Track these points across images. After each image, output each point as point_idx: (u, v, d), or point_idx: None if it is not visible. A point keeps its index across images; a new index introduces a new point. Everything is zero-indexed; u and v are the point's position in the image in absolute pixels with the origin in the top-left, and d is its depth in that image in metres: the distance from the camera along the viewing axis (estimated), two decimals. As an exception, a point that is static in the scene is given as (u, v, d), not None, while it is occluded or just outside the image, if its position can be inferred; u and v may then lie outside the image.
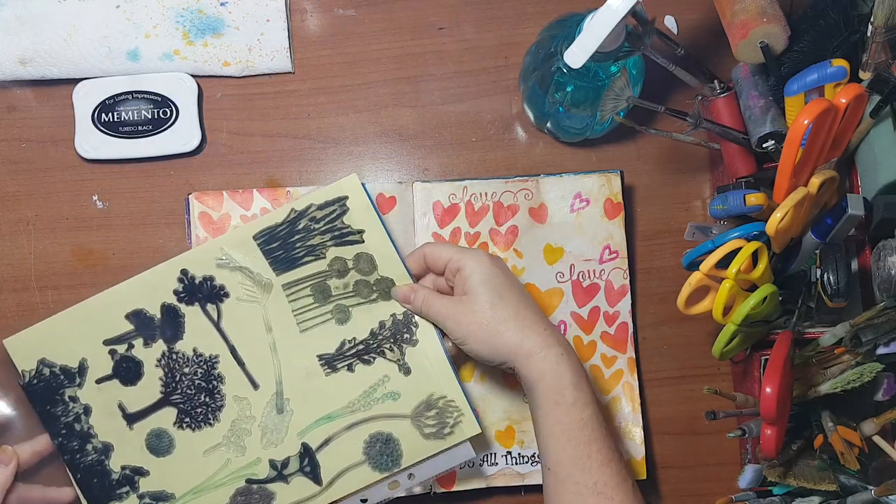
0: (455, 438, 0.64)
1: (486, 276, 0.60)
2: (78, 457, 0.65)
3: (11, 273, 0.71)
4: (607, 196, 0.70)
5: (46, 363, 0.65)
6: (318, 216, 0.65)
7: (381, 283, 0.65)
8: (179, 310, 0.66)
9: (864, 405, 0.62)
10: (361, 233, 0.65)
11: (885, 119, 0.59)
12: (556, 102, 0.66)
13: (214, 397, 0.65)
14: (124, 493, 0.65)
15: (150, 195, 0.72)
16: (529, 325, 0.59)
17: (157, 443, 0.66)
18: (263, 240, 0.65)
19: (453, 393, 0.64)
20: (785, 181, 0.57)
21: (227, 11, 0.72)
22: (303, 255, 0.65)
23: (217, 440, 0.65)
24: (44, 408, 0.65)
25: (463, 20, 0.74)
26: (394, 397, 0.65)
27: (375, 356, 0.65)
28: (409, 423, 0.65)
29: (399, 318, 0.65)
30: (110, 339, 0.65)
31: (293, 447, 0.65)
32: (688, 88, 0.66)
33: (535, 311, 0.60)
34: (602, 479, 0.56)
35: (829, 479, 0.59)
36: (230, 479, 0.65)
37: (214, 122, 0.73)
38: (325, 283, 0.65)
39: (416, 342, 0.65)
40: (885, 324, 0.57)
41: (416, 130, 0.73)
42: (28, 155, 0.72)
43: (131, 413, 0.66)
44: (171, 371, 0.65)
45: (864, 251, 0.64)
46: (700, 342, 0.73)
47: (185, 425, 0.65)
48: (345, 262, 0.65)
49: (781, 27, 0.59)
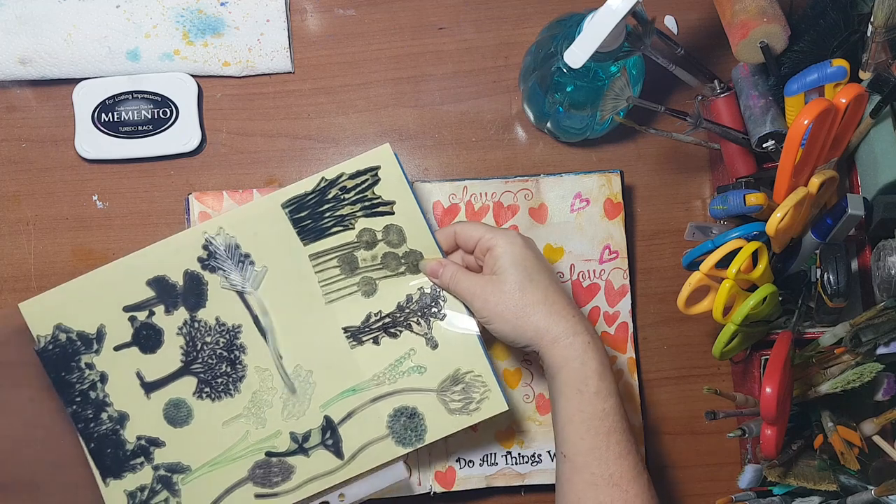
0: (481, 415, 0.63)
1: (518, 258, 0.59)
2: (92, 426, 0.64)
3: (11, 273, 0.71)
4: (607, 196, 0.70)
5: (63, 328, 0.64)
6: (348, 185, 0.64)
7: (410, 256, 0.64)
8: (203, 277, 0.64)
9: (864, 405, 0.62)
10: (392, 204, 0.64)
11: (885, 119, 0.59)
12: (556, 102, 0.66)
13: (236, 368, 0.64)
14: (138, 465, 0.64)
15: (150, 195, 0.72)
16: (558, 310, 0.58)
17: (175, 413, 0.64)
18: (292, 208, 0.64)
19: (481, 368, 0.63)
20: (785, 181, 0.57)
21: (227, 11, 0.72)
22: (331, 225, 0.64)
23: (237, 411, 0.64)
24: (58, 374, 0.64)
25: (463, 20, 0.74)
26: (420, 371, 0.64)
27: (402, 329, 0.64)
28: (435, 398, 0.63)
29: (427, 292, 0.64)
30: (130, 306, 0.64)
31: (315, 420, 0.64)
32: (688, 88, 0.66)
33: (564, 296, 0.59)
34: (618, 472, 0.56)
35: (829, 479, 0.59)
36: (249, 451, 0.64)
37: (214, 122, 0.73)
38: (352, 255, 0.64)
39: (444, 316, 0.64)
40: (885, 324, 0.57)
41: (416, 130, 0.73)
42: (28, 155, 0.72)
43: (149, 382, 0.64)
44: (193, 340, 0.64)
45: (864, 251, 0.64)
46: (700, 342, 0.73)
47: (204, 395, 0.64)
48: (374, 233, 0.64)
49: (781, 27, 0.59)
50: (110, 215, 0.72)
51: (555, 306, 0.58)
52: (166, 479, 0.64)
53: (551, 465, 0.69)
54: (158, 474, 0.64)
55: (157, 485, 0.64)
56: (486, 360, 0.63)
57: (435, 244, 0.64)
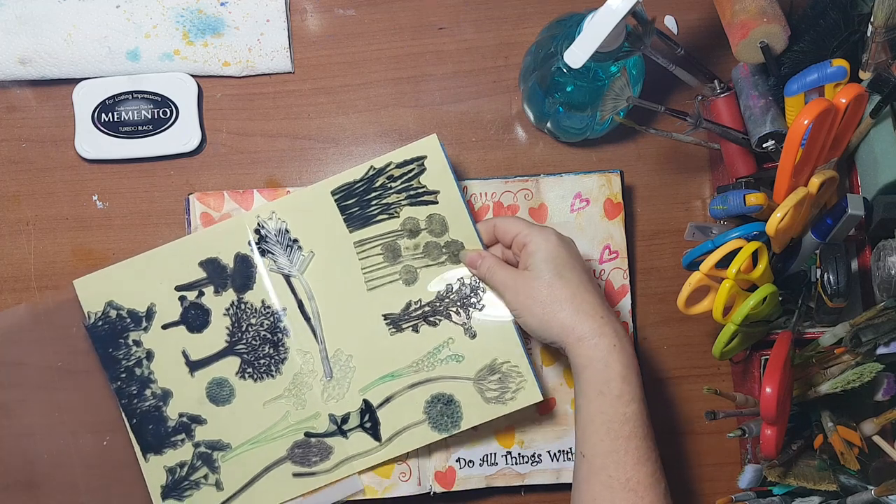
0: (516, 404, 0.65)
1: (551, 255, 0.60)
2: (135, 401, 0.66)
3: (11, 273, 0.71)
4: (607, 196, 0.70)
5: (114, 305, 0.66)
6: (395, 174, 0.66)
7: (451, 246, 0.66)
8: (252, 259, 0.66)
9: (864, 405, 0.62)
10: (436, 193, 0.66)
11: (885, 119, 0.59)
12: (556, 102, 0.66)
13: (279, 349, 0.66)
14: (180, 441, 0.66)
15: (150, 195, 0.72)
16: (586, 309, 0.58)
17: (218, 392, 0.66)
18: (341, 196, 0.66)
19: (517, 359, 0.65)
20: (785, 181, 0.57)
21: (227, 11, 0.72)
22: (377, 212, 0.66)
23: (278, 392, 0.66)
24: (106, 350, 0.66)
25: (463, 20, 0.74)
26: (458, 359, 0.66)
27: (441, 318, 0.66)
28: (472, 386, 0.65)
29: (467, 283, 0.66)
30: (182, 286, 0.66)
31: (354, 403, 0.66)
32: (688, 88, 0.66)
33: (596, 296, 0.60)
34: (636, 477, 0.56)
35: (829, 479, 0.59)
36: (289, 431, 0.66)
37: (214, 122, 0.73)
38: (395, 243, 0.66)
39: (483, 307, 0.66)
40: (885, 324, 0.57)
41: (416, 130, 0.73)
42: (28, 155, 0.72)
43: (194, 360, 0.66)
44: (238, 321, 0.66)
45: (864, 251, 0.64)
46: (700, 342, 0.73)
47: (247, 376, 0.66)
48: (417, 222, 0.66)
49: (781, 27, 0.59)
50: (110, 215, 0.72)
51: (583, 305, 0.59)
52: (206, 455, 0.66)
53: (551, 465, 0.69)
54: (199, 451, 0.66)
55: (198, 461, 0.66)
56: (523, 351, 0.65)
57: (476, 235, 0.66)
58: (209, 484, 0.66)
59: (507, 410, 0.65)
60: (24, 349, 0.69)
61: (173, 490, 0.66)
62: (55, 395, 0.69)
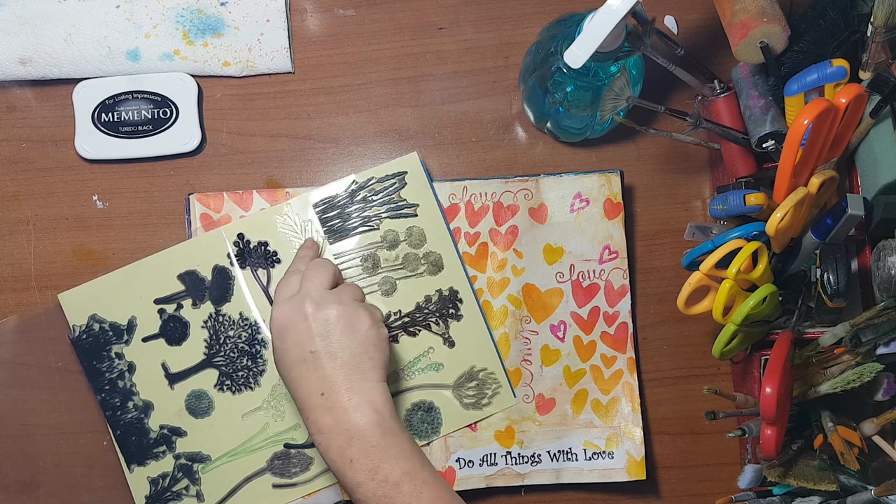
0: (492, 409, 0.67)
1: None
2: (119, 413, 0.66)
3: (11, 273, 0.71)
4: (607, 196, 0.70)
5: (97, 319, 0.67)
6: (377, 188, 0.68)
7: (429, 257, 0.67)
8: (230, 272, 0.67)
9: (864, 405, 0.62)
10: (416, 206, 0.67)
11: (885, 119, 0.59)
12: (556, 102, 0.66)
13: (257, 361, 0.67)
14: (161, 453, 0.67)
15: (150, 195, 0.72)
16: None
17: (197, 404, 0.67)
18: (322, 208, 0.67)
19: (493, 366, 0.67)
20: (785, 181, 0.57)
21: (227, 11, 0.72)
22: (357, 225, 0.67)
23: (257, 404, 0.67)
24: (90, 363, 0.67)
25: (463, 20, 0.74)
26: (437, 368, 0.67)
27: (420, 329, 0.67)
28: (451, 394, 0.67)
29: (445, 294, 0.67)
30: (161, 298, 0.67)
31: None
32: (688, 88, 0.66)
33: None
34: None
35: (829, 479, 0.59)
36: (268, 442, 0.67)
37: (214, 122, 0.73)
38: (375, 254, 0.67)
39: (462, 317, 0.67)
40: (885, 324, 0.57)
41: (416, 130, 0.73)
42: (28, 155, 0.72)
43: (174, 373, 0.67)
44: (216, 333, 0.67)
45: (864, 251, 0.64)
46: (700, 342, 0.73)
47: (225, 388, 0.67)
48: (397, 234, 0.67)
49: (781, 27, 0.59)
50: (110, 215, 0.72)
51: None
52: (187, 467, 0.66)
53: (551, 464, 0.69)
54: (179, 463, 0.66)
55: (178, 473, 0.67)
56: (498, 358, 0.67)
57: (453, 245, 0.67)
58: (190, 495, 0.67)
59: (483, 415, 0.67)
60: (24, 349, 0.69)
61: (156, 501, 0.67)
62: (55, 395, 0.69)
